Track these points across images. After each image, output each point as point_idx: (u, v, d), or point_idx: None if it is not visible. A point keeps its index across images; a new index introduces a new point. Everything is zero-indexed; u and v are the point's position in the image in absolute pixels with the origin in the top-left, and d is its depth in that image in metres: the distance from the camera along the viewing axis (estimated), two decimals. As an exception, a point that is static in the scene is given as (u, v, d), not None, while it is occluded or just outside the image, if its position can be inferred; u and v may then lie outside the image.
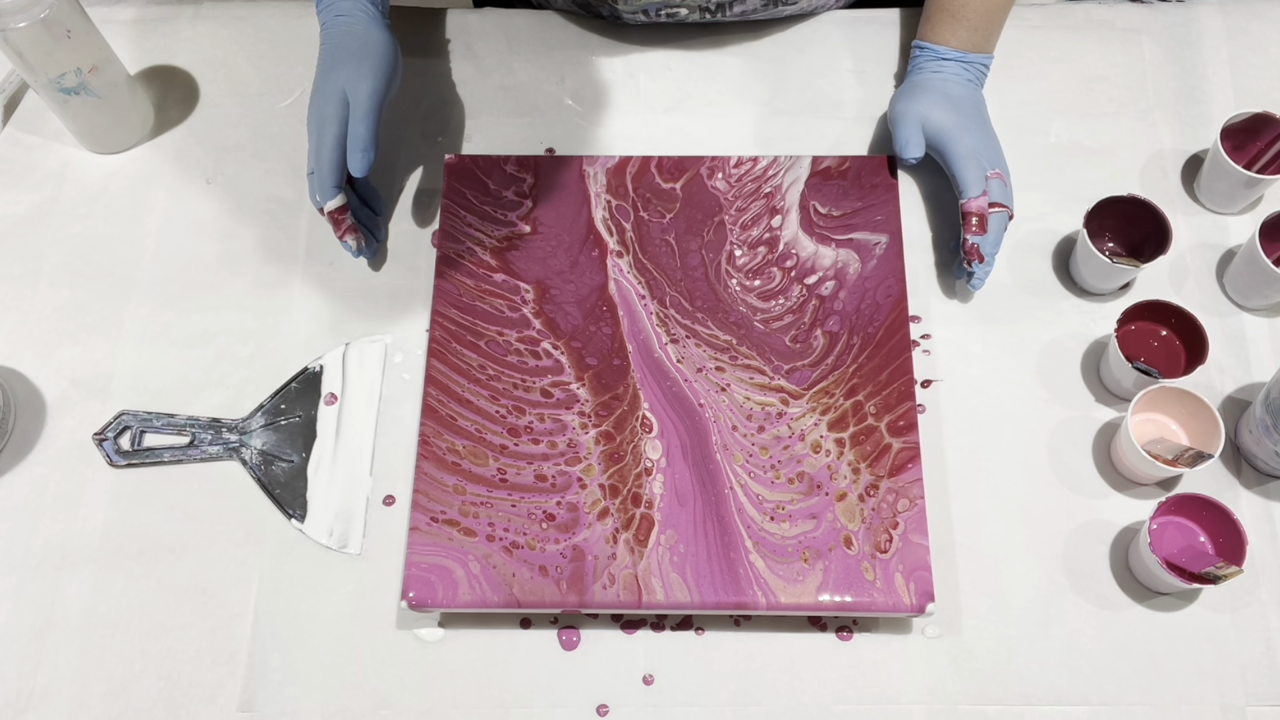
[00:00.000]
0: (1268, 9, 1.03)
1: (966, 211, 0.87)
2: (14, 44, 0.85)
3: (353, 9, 0.89)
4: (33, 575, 0.83)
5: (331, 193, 0.87)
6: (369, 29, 0.89)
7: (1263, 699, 0.78)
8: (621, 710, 0.79)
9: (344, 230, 0.89)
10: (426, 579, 0.78)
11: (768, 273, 0.89)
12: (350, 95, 0.86)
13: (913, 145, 0.89)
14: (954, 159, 0.89)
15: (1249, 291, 0.90)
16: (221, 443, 0.87)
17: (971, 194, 0.87)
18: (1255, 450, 0.84)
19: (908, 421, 0.83)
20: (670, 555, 0.79)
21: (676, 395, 0.84)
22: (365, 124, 0.86)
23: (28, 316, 0.92)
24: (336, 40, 0.89)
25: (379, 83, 0.87)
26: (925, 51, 0.94)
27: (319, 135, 0.87)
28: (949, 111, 0.90)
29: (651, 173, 0.93)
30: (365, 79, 0.86)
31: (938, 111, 0.90)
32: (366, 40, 0.88)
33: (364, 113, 0.86)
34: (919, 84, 0.93)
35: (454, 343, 0.86)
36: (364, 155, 0.85)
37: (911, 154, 0.89)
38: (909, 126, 0.90)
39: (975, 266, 0.87)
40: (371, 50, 0.88)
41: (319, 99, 0.88)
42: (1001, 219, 0.88)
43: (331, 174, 0.87)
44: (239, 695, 0.79)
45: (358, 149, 0.85)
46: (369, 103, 0.86)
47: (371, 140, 0.86)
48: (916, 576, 0.78)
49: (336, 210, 0.88)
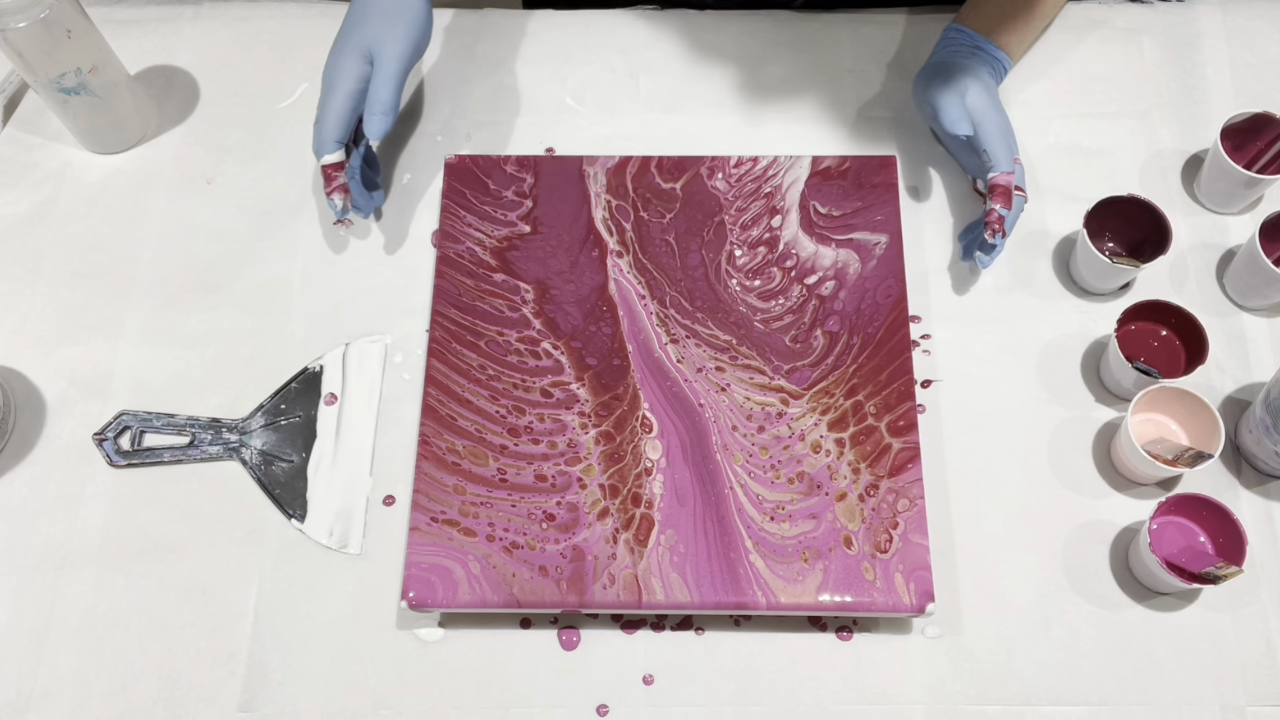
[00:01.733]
0: (1268, 9, 1.03)
1: (995, 184, 0.87)
2: (14, 44, 0.85)
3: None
4: (33, 575, 0.83)
5: (332, 146, 0.87)
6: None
7: (1263, 699, 0.78)
8: (621, 710, 0.79)
9: (334, 187, 0.88)
10: (426, 579, 0.78)
11: (768, 273, 0.89)
12: (376, 54, 0.85)
13: (964, 122, 0.88)
14: (986, 136, 0.88)
15: (1249, 291, 0.90)
16: (221, 443, 0.87)
17: (1002, 168, 0.88)
18: (1255, 450, 0.84)
19: (908, 421, 0.83)
20: (670, 555, 0.79)
21: (676, 395, 0.84)
22: (388, 86, 0.85)
23: (28, 316, 0.92)
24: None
25: (408, 46, 0.86)
26: (962, 35, 0.94)
27: (331, 86, 0.86)
28: (983, 92, 0.90)
29: (651, 173, 0.93)
30: (395, 40, 0.85)
31: (974, 90, 0.90)
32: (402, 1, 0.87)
33: (389, 75, 0.85)
34: (953, 64, 0.92)
35: (454, 343, 0.86)
36: (383, 119, 0.85)
37: (963, 130, 0.88)
38: (956, 104, 0.89)
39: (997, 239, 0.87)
40: (406, 11, 0.86)
41: (340, 50, 0.87)
42: (1021, 202, 0.88)
43: (336, 128, 0.87)
44: (239, 695, 0.79)
45: (378, 111, 0.84)
46: (395, 65, 0.85)
47: (393, 104, 0.85)
48: (916, 576, 0.78)
49: (332, 166, 0.88)
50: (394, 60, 0.85)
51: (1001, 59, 0.94)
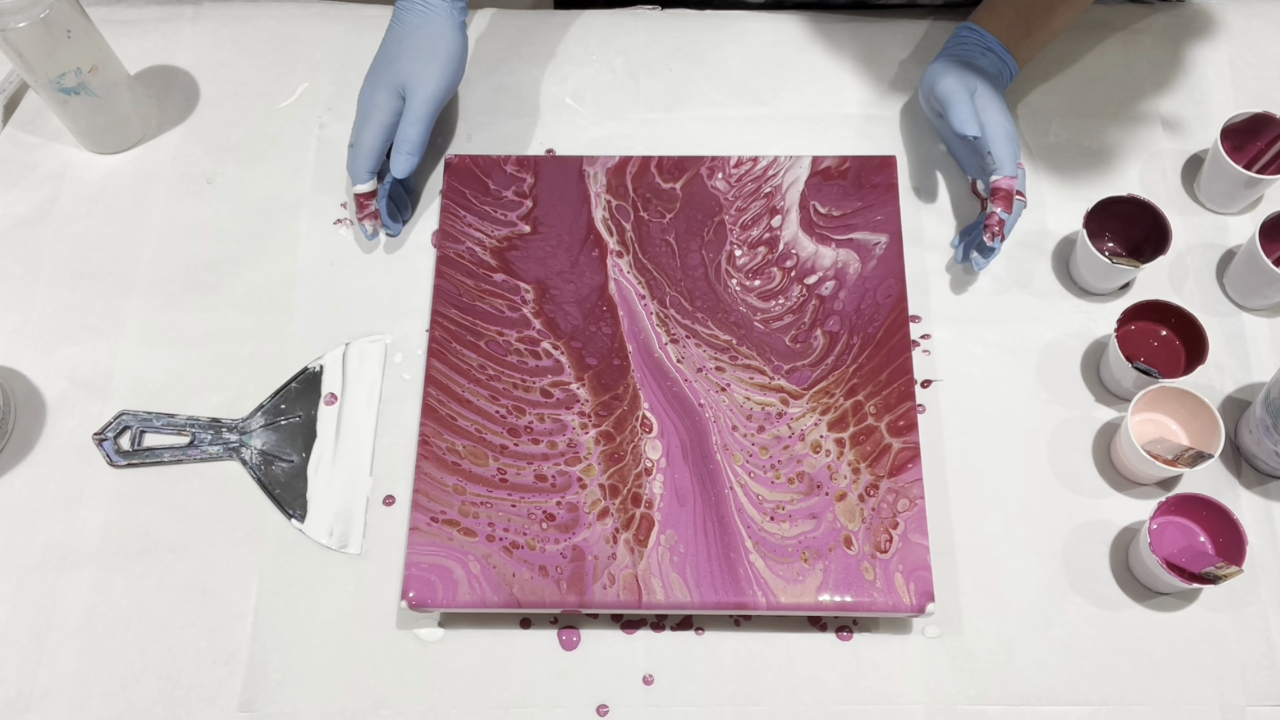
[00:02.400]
0: (1268, 9, 1.03)
1: (997, 188, 0.87)
2: (14, 44, 0.85)
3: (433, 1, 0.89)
4: (33, 575, 0.83)
5: (365, 176, 0.90)
6: (444, 27, 0.89)
7: (1263, 699, 0.78)
8: (621, 710, 0.79)
9: (366, 214, 0.91)
10: (426, 579, 0.78)
11: (768, 273, 0.89)
12: (408, 91, 0.87)
13: (972, 122, 0.88)
14: (992, 138, 0.88)
15: (1249, 291, 0.90)
16: (221, 443, 0.87)
17: (1005, 172, 0.88)
18: (1255, 450, 0.84)
19: (908, 421, 0.83)
20: (670, 555, 0.79)
21: (676, 395, 0.84)
22: (417, 126, 0.86)
23: (28, 316, 0.92)
24: (409, 29, 0.89)
25: (440, 85, 0.87)
26: (975, 34, 0.94)
27: (365, 117, 0.89)
28: (991, 94, 0.90)
29: (651, 173, 0.93)
30: (429, 79, 0.87)
31: (983, 91, 0.90)
32: (438, 37, 0.88)
33: (419, 115, 0.86)
34: (965, 62, 0.92)
35: (454, 343, 0.86)
36: (409, 158, 0.87)
37: (971, 130, 0.87)
38: (965, 103, 0.89)
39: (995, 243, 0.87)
40: (440, 50, 0.88)
41: (374, 83, 0.89)
42: (1021, 206, 0.88)
43: (369, 159, 0.89)
44: (239, 695, 0.79)
45: (404, 150, 0.87)
46: (426, 106, 0.87)
47: (421, 144, 0.87)
48: (916, 576, 0.78)
49: (363, 194, 0.90)
50: (425, 101, 0.87)
51: (1010, 64, 0.94)
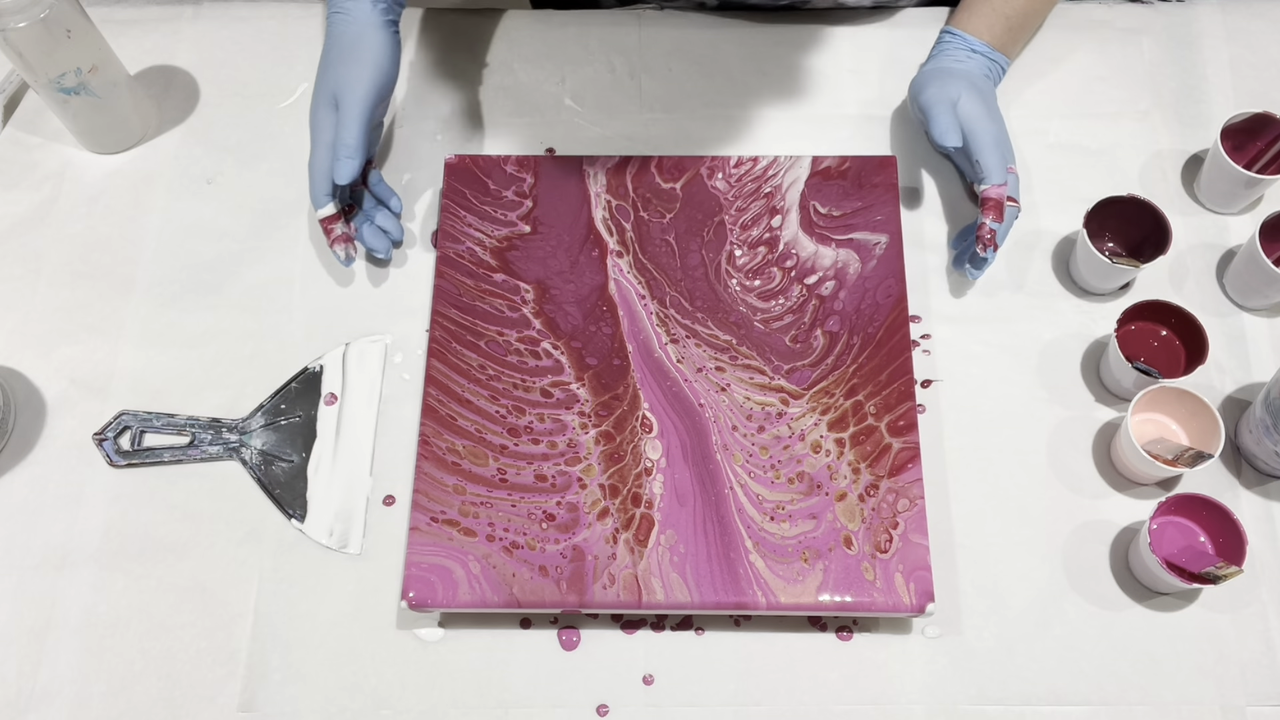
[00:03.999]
0: (1268, 9, 1.03)
1: (987, 198, 0.87)
2: (14, 44, 0.85)
3: (353, 7, 0.88)
4: (33, 575, 0.83)
5: (322, 200, 0.88)
6: (364, 29, 0.87)
7: (1263, 699, 0.78)
8: (621, 710, 0.79)
9: (333, 239, 0.89)
10: (426, 579, 0.78)
11: (768, 273, 0.89)
12: (339, 99, 0.86)
13: (953, 133, 0.88)
14: (979, 147, 0.88)
15: (1249, 291, 0.90)
16: (221, 443, 0.87)
17: (994, 181, 0.87)
18: (1255, 450, 0.84)
19: (908, 421, 0.82)
20: (670, 555, 0.79)
21: (676, 395, 0.84)
22: (349, 130, 0.85)
23: (28, 316, 0.92)
24: (332, 40, 0.88)
25: (369, 86, 0.86)
26: (956, 39, 0.94)
27: (313, 139, 0.87)
28: (976, 100, 0.90)
29: (651, 173, 0.93)
30: (357, 82, 0.85)
31: (967, 98, 0.90)
32: (359, 41, 0.87)
33: (349, 118, 0.85)
34: (947, 69, 0.92)
35: (454, 343, 0.86)
36: (346, 162, 0.85)
37: (952, 142, 0.88)
38: (946, 113, 0.89)
39: (988, 253, 0.87)
40: (363, 52, 0.86)
41: (314, 102, 0.88)
42: (1014, 212, 0.88)
43: (322, 181, 0.87)
44: (239, 695, 0.79)
45: (342, 155, 0.85)
46: (357, 107, 0.85)
47: (356, 146, 0.85)
48: (916, 576, 0.78)
49: (326, 219, 0.88)
50: (355, 103, 0.85)
51: (999, 59, 0.94)
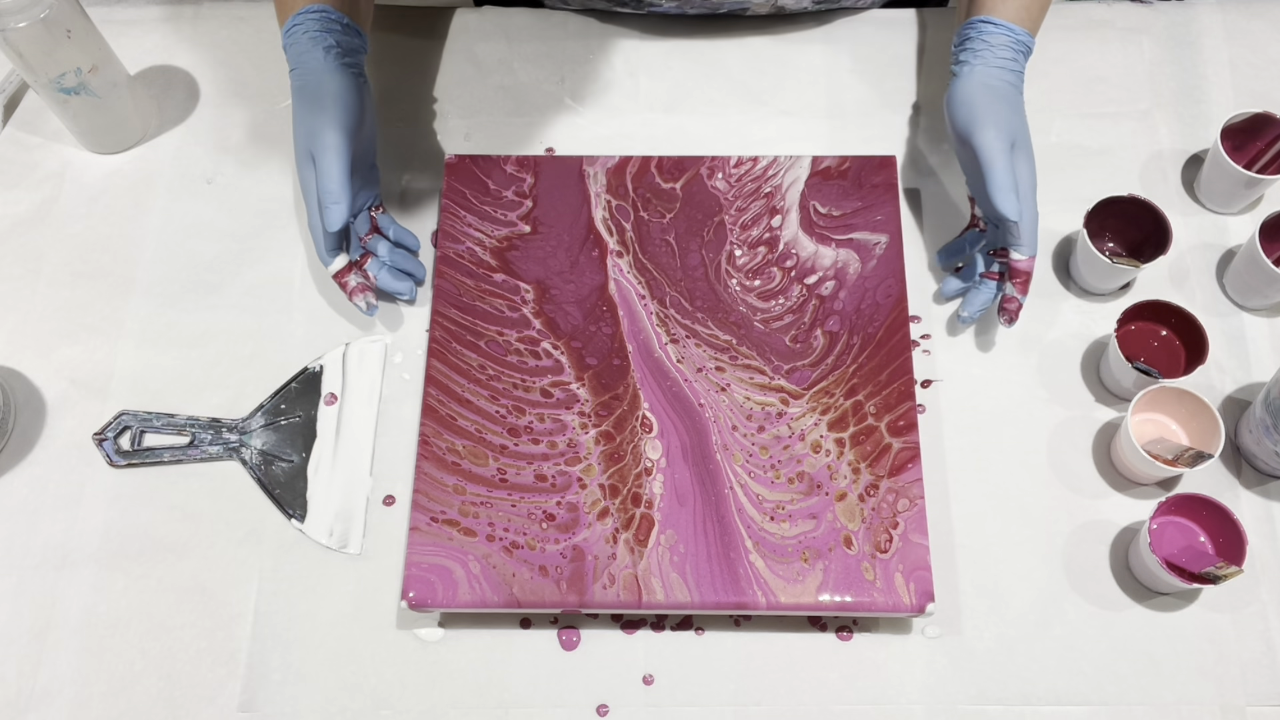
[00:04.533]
0: (1268, 9, 1.03)
1: (1018, 270, 0.84)
2: (14, 44, 0.85)
3: (307, 56, 0.85)
4: (33, 575, 0.83)
5: (328, 257, 0.86)
6: (321, 79, 0.84)
7: (1263, 699, 0.78)
8: (621, 710, 0.79)
9: (350, 291, 0.87)
10: (426, 579, 0.78)
11: (768, 273, 0.89)
12: (313, 152, 0.83)
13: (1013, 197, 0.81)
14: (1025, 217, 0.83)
15: (1249, 291, 0.90)
16: (221, 443, 0.87)
17: (1029, 251, 0.84)
18: (1255, 450, 0.84)
19: (908, 421, 0.82)
20: (670, 555, 0.79)
21: (676, 395, 0.84)
22: (328, 176, 0.82)
23: (28, 316, 0.92)
24: (295, 94, 0.85)
25: (336, 132, 0.82)
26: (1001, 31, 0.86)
27: (305, 202, 0.85)
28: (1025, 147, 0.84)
29: (651, 173, 0.93)
30: (322, 130, 0.82)
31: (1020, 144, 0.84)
32: (319, 91, 0.84)
33: (326, 166, 0.82)
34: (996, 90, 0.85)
35: (454, 343, 0.86)
36: (333, 208, 0.82)
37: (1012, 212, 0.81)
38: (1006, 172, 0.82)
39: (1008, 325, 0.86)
40: (324, 100, 0.83)
41: (297, 165, 0.86)
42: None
43: (324, 237, 0.85)
44: (239, 695, 0.79)
45: (326, 203, 0.82)
46: (331, 154, 0.82)
47: (339, 193, 0.82)
48: (916, 576, 0.78)
49: (337, 274, 0.87)
50: (327, 150, 0.82)
51: (1030, 45, 0.88)
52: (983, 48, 0.87)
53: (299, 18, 0.85)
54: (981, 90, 0.85)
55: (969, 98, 0.85)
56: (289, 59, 0.86)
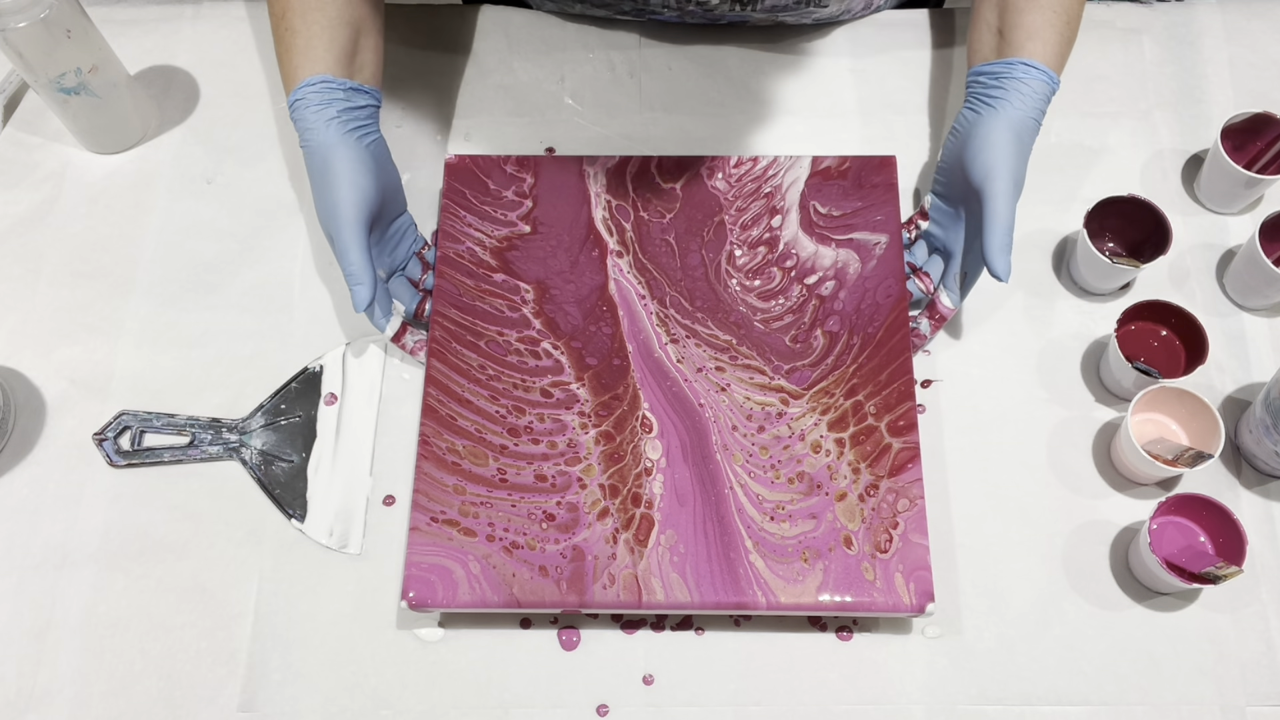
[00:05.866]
0: (1268, 9, 1.03)
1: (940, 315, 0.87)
2: (14, 44, 0.85)
3: (310, 133, 0.83)
4: (33, 575, 0.83)
5: (381, 322, 0.85)
6: (327, 154, 0.82)
7: (1263, 699, 0.78)
8: (621, 710, 0.79)
9: (410, 351, 0.87)
10: (426, 579, 0.78)
11: (768, 273, 0.89)
12: (328, 232, 0.83)
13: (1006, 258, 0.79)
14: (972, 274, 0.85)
15: (1249, 291, 0.90)
16: (221, 443, 0.87)
17: (956, 303, 0.86)
18: (1255, 450, 0.84)
19: (908, 421, 0.82)
20: (670, 555, 0.79)
21: (676, 395, 0.84)
22: (347, 258, 0.81)
23: (28, 316, 0.92)
24: (309, 172, 0.84)
25: (348, 211, 0.81)
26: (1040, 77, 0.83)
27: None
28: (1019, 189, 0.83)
29: (651, 173, 0.93)
30: (335, 210, 0.81)
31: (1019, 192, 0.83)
32: (326, 169, 0.82)
33: (343, 247, 0.81)
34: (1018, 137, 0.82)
35: (454, 343, 0.86)
36: (357, 289, 0.81)
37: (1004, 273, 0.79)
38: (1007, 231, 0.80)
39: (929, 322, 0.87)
40: (332, 178, 0.81)
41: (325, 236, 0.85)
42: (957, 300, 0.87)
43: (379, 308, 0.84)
44: (239, 695, 0.79)
45: (350, 284, 0.81)
46: (344, 234, 0.81)
47: (359, 272, 0.80)
48: (916, 576, 0.78)
49: (395, 338, 0.87)
50: (341, 230, 0.81)
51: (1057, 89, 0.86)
52: (1016, 91, 0.83)
53: (300, 92, 0.83)
54: (1007, 133, 0.82)
55: (994, 139, 0.82)
56: (297, 132, 0.84)
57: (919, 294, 0.88)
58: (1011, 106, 0.83)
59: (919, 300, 0.89)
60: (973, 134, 0.83)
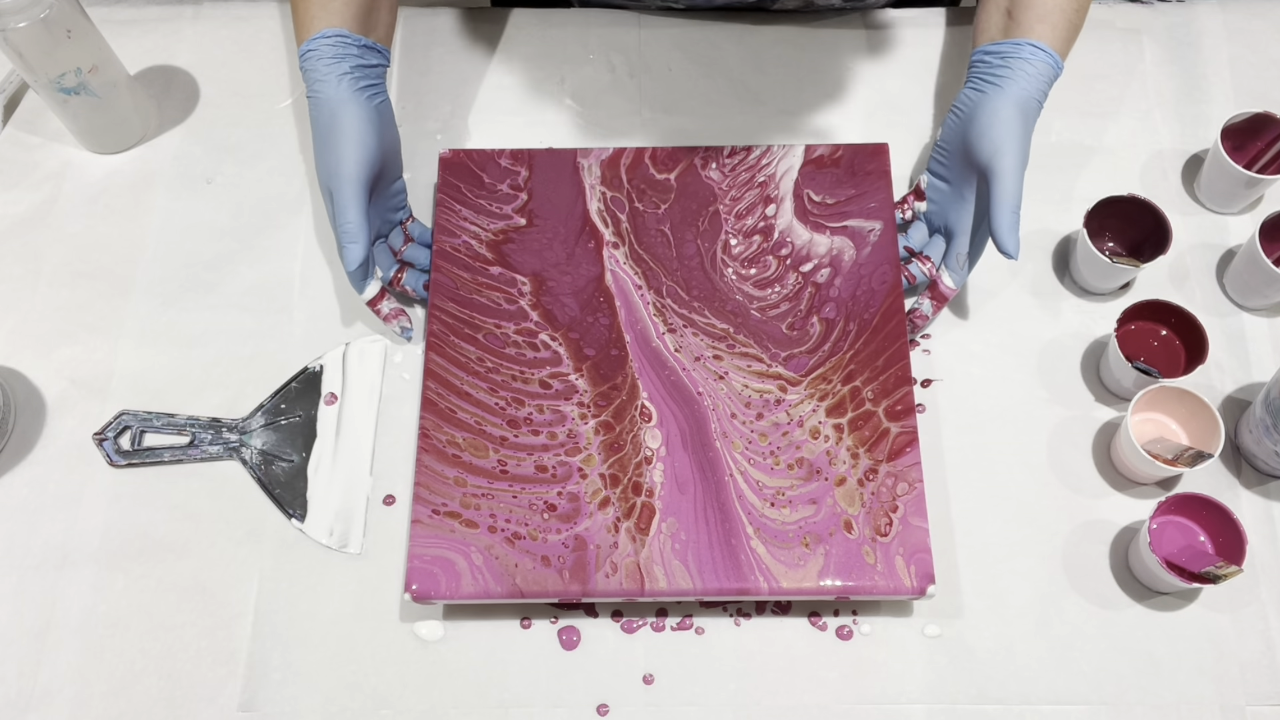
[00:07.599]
0: (1268, 9, 1.03)
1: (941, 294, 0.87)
2: (14, 44, 0.85)
3: (321, 85, 0.83)
4: (33, 575, 0.83)
5: (360, 285, 0.86)
6: (335, 109, 0.82)
7: (1263, 699, 0.78)
8: (621, 710, 0.79)
9: (384, 318, 0.88)
10: (429, 571, 0.78)
11: (763, 261, 0.89)
12: (330, 188, 0.83)
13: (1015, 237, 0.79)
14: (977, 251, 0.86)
15: (1249, 291, 0.90)
16: (221, 442, 0.87)
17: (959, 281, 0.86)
18: (1255, 450, 0.83)
19: (905, 406, 0.82)
20: (672, 543, 0.79)
21: (675, 384, 0.84)
22: (344, 214, 0.81)
23: (28, 316, 0.92)
24: (312, 123, 0.84)
25: (351, 167, 0.81)
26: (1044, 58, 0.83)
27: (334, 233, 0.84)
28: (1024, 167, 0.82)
29: (645, 164, 0.93)
30: (338, 166, 0.81)
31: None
32: (333, 123, 0.82)
33: (342, 203, 0.81)
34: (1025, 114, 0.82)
35: (452, 336, 0.86)
36: (349, 248, 0.81)
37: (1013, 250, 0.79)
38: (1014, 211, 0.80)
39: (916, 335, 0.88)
40: (339, 134, 0.82)
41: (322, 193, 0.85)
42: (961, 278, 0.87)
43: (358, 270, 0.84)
44: (239, 695, 0.79)
45: (343, 241, 0.82)
46: (344, 191, 0.81)
47: (355, 230, 0.81)
48: (917, 559, 0.78)
49: (370, 302, 0.87)
50: (343, 187, 0.81)
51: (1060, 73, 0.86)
52: (1022, 71, 0.83)
53: (314, 42, 0.83)
54: (1014, 111, 0.82)
55: (1002, 115, 0.82)
56: (305, 82, 0.84)
57: (921, 276, 0.88)
58: (1017, 85, 0.83)
59: (921, 283, 0.89)
60: (978, 112, 0.83)
